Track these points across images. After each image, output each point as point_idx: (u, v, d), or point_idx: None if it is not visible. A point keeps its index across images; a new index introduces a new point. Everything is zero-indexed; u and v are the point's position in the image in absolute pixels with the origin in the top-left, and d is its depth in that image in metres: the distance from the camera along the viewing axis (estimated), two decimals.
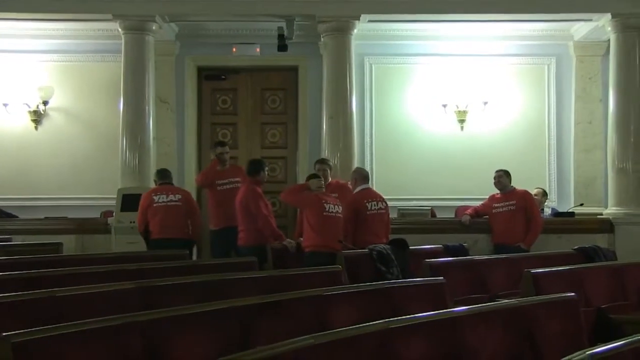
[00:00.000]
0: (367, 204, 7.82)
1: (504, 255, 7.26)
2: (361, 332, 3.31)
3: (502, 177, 8.60)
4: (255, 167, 7.71)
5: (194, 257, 8.46)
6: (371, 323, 3.43)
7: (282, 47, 9.74)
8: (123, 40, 9.47)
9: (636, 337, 2.98)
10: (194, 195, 9.51)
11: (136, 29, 9.40)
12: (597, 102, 10.71)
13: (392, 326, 3.46)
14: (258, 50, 10.50)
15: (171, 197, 8.08)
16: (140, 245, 8.14)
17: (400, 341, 3.43)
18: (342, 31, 9.46)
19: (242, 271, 5.94)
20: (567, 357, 2.73)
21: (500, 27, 10.42)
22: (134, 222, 8.27)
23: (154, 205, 8.03)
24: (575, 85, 10.90)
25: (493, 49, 10.82)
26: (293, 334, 3.20)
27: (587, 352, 2.81)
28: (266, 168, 7.85)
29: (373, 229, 7.76)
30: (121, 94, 9.44)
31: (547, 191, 10.29)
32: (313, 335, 3.09)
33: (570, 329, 4.17)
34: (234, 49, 10.50)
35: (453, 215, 9.59)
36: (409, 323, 3.56)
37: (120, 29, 9.45)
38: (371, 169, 10.20)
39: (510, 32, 10.64)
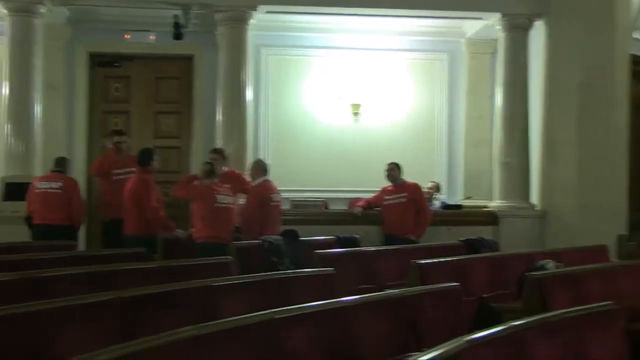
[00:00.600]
0: (270, 195, 7.93)
1: (393, 247, 7.43)
2: (246, 322, 3.30)
3: (394, 170, 8.76)
4: (145, 156, 7.60)
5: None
6: (257, 313, 3.43)
7: (177, 36, 9.59)
8: (8, 23, 9.07)
9: (509, 324, 3.11)
10: (83, 184, 9.27)
11: (23, 11, 9.00)
12: (486, 98, 11.05)
13: (279, 316, 3.47)
14: (153, 37, 10.30)
15: (52, 184, 7.95)
16: (23, 236, 7.90)
17: (286, 331, 3.44)
18: (238, 21, 9.39)
19: (130, 262, 5.84)
20: (445, 343, 2.81)
21: (395, 22, 10.59)
22: (17, 211, 8.05)
23: (35, 191, 7.94)
24: (467, 81, 11.22)
25: (389, 43, 10.99)
26: (181, 325, 3.16)
27: (465, 339, 2.91)
28: (156, 157, 7.74)
29: (272, 220, 7.87)
30: (5, 78, 9.06)
31: (440, 184, 10.58)
32: (196, 326, 3.07)
33: (452, 318, 4.30)
34: (127, 36, 10.27)
35: (346, 207, 9.71)
36: (296, 313, 3.57)
37: (4, 10, 9.04)
38: (265, 159, 10.20)
39: (405, 28, 10.84)
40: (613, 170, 9.24)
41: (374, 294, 4.32)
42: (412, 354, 3.75)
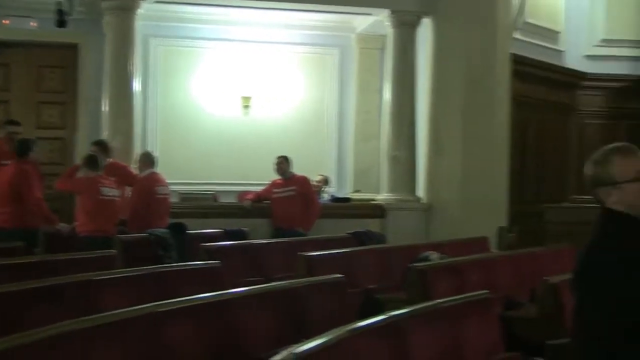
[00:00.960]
0: (156, 188, 7.81)
1: (282, 239, 7.47)
2: (128, 316, 3.24)
3: (283, 163, 8.79)
4: (23, 147, 7.30)
5: None
6: (139, 307, 3.38)
7: (60, 23, 9.22)
8: None
9: (390, 314, 3.18)
10: None
11: None
12: (375, 93, 11.21)
13: (162, 310, 3.43)
14: (34, 24, 9.88)
15: None
16: None
17: (170, 325, 3.41)
18: (126, 10, 9.14)
19: (9, 256, 5.62)
20: (327, 333, 2.84)
21: (286, 15, 10.60)
22: None
23: None
24: (356, 76, 11.36)
25: (280, 36, 10.99)
26: (62, 321, 3.08)
27: (346, 329, 2.95)
28: (36, 148, 7.45)
29: (159, 213, 7.75)
30: None
31: (329, 177, 10.70)
32: (74, 320, 2.99)
33: (338, 308, 4.35)
34: (6, 21, 9.81)
35: (236, 200, 9.67)
36: (179, 306, 3.54)
37: None
38: (154, 152, 10.01)
39: (297, 21, 10.86)
40: (495, 164, 9.56)
41: (260, 286, 4.33)
42: (297, 344, 3.78)
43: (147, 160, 8.08)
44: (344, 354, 2.79)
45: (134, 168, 8.25)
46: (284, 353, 2.53)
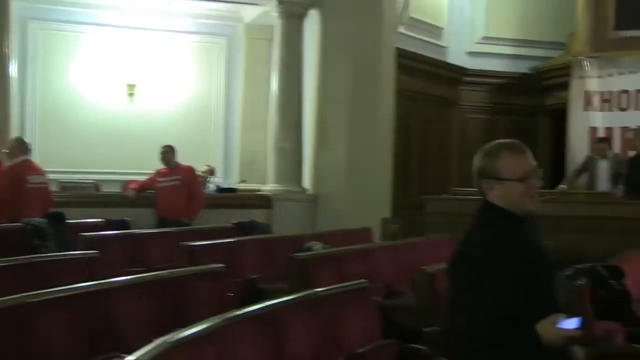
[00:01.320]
0: (29, 176, 7.43)
1: (165, 229, 7.37)
2: None
3: (168, 153, 8.63)
4: None
5: None
6: (9, 297, 3.25)
7: None
8: None
9: (267, 303, 3.19)
10: None
11: None
12: (263, 84, 11.20)
13: (34, 300, 3.32)
14: None
15: None
16: None
17: (42, 315, 3.30)
18: None
19: None
20: (205, 321, 2.82)
21: (173, 2, 10.44)
22: None
23: None
24: (244, 66, 11.32)
25: (167, 24, 10.84)
26: None
27: (225, 317, 2.94)
28: None
29: (32, 202, 7.37)
30: None
31: (215, 168, 10.62)
32: None
33: (218, 298, 4.33)
34: None
35: (120, 190, 9.46)
36: (51, 297, 3.42)
37: None
38: (32, 139, 9.64)
39: (184, 9, 10.74)
40: (379, 156, 9.73)
41: (138, 275, 4.24)
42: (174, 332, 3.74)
43: (21, 146, 7.66)
44: (221, 342, 2.78)
45: (4, 153, 7.84)
46: (158, 341, 2.49)
